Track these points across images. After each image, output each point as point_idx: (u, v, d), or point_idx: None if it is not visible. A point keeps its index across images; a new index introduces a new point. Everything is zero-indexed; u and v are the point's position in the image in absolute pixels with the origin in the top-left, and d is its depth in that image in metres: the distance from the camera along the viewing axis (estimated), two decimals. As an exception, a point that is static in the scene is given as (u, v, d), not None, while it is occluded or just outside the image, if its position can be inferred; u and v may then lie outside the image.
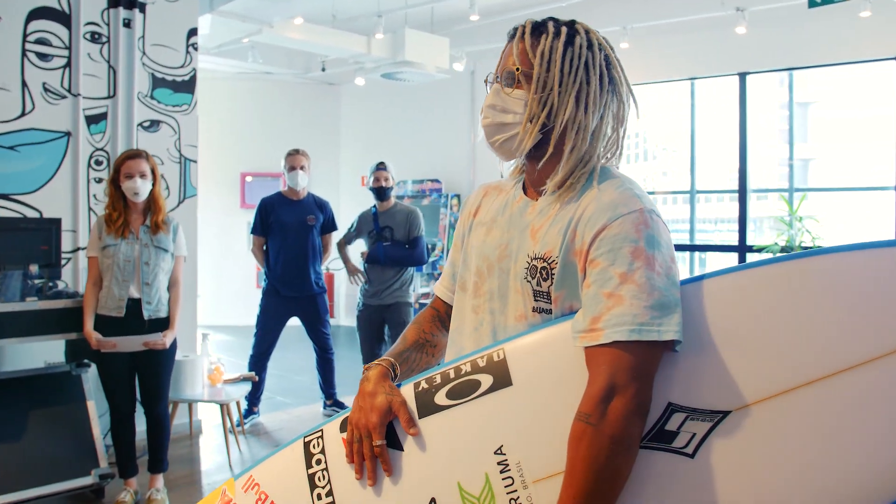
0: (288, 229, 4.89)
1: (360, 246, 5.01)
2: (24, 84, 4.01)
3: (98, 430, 3.56)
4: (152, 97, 4.49)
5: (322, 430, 1.35)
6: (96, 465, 3.47)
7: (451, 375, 1.26)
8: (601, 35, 1.31)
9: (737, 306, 1.14)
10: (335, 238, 5.15)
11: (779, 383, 1.10)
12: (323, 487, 1.28)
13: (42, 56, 4.08)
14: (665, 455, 1.12)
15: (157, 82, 4.52)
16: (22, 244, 3.58)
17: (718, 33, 6.53)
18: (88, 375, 3.66)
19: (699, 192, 7.46)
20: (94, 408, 3.60)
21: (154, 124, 4.51)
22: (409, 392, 1.29)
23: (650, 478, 1.12)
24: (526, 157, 1.33)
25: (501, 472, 1.16)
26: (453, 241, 1.51)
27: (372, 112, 9.39)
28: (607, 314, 1.12)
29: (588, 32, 1.30)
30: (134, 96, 4.40)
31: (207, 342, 4.49)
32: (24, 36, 4.02)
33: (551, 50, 1.26)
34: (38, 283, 3.58)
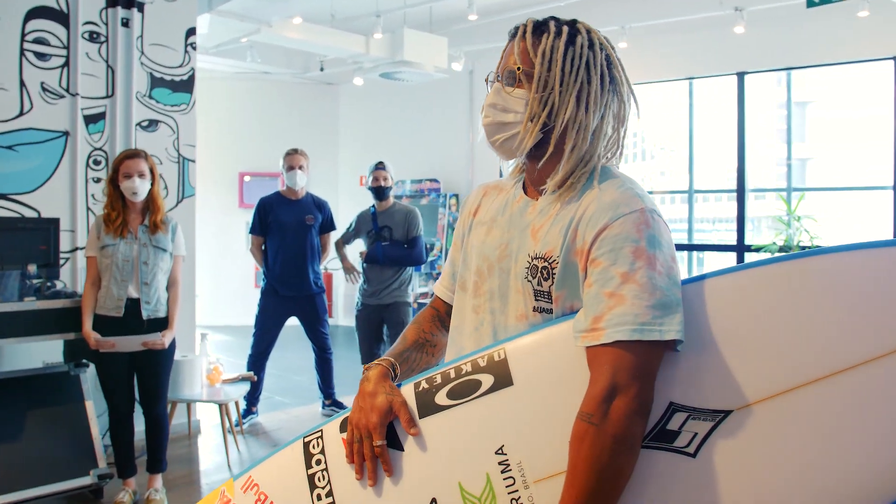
0: (286, 229, 4.88)
1: (359, 246, 5.01)
2: (22, 84, 4.00)
3: (97, 430, 3.56)
4: (151, 97, 4.49)
5: (322, 431, 1.35)
6: (95, 465, 3.46)
7: (452, 375, 1.26)
8: (602, 35, 1.31)
9: (738, 306, 1.14)
10: (334, 238, 5.15)
11: (780, 383, 1.10)
12: (323, 488, 1.28)
13: (40, 55, 4.08)
14: (667, 455, 1.12)
15: (156, 82, 4.51)
16: (20, 244, 3.57)
17: (717, 33, 6.53)
18: (87, 375, 3.65)
19: (697, 192, 7.46)
20: (93, 408, 3.60)
21: (152, 124, 4.50)
22: (409, 392, 1.28)
23: (652, 477, 1.12)
24: (526, 157, 1.33)
25: (503, 472, 1.16)
26: (453, 240, 1.50)
27: (370, 112, 9.38)
28: (609, 314, 1.12)
29: (589, 32, 1.30)
30: (132, 96, 4.40)
31: (206, 342, 4.49)
32: (23, 35, 4.02)
33: (552, 49, 1.26)
34: (36, 282, 3.57)
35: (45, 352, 3.85)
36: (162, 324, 3.43)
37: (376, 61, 7.41)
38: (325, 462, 1.30)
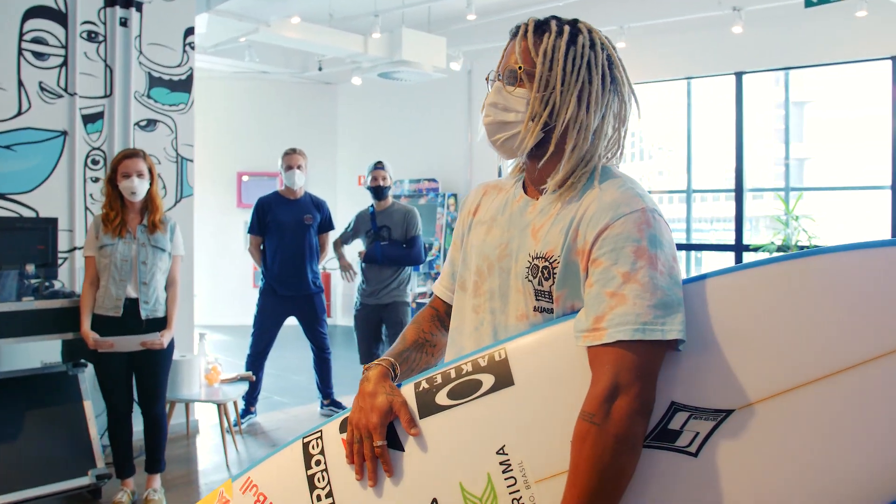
0: (285, 229, 4.88)
1: (358, 245, 5.00)
2: (20, 83, 4.00)
3: (95, 430, 3.55)
4: (149, 96, 4.48)
5: (321, 431, 1.34)
6: (93, 465, 3.45)
7: (452, 375, 1.25)
8: (603, 34, 1.31)
9: (739, 305, 1.14)
10: (332, 237, 5.14)
11: (781, 382, 1.10)
12: (323, 488, 1.28)
13: (38, 55, 4.07)
14: (668, 454, 1.12)
15: (154, 81, 4.50)
16: (18, 244, 3.57)
17: (715, 33, 6.54)
18: (85, 375, 3.65)
19: (695, 192, 7.47)
20: (91, 408, 3.59)
21: (151, 123, 4.50)
22: (409, 392, 1.28)
23: (653, 477, 1.12)
24: (527, 156, 1.33)
25: (504, 472, 1.16)
26: (452, 240, 1.50)
27: (369, 111, 9.38)
28: (610, 313, 1.12)
29: (591, 32, 1.29)
30: (130, 95, 4.39)
31: (204, 342, 4.48)
32: (21, 35, 4.01)
33: (554, 49, 1.26)
34: (34, 282, 3.57)
35: (43, 352, 3.85)
36: (160, 324, 3.43)
37: (375, 61, 7.41)
38: (325, 463, 1.30)
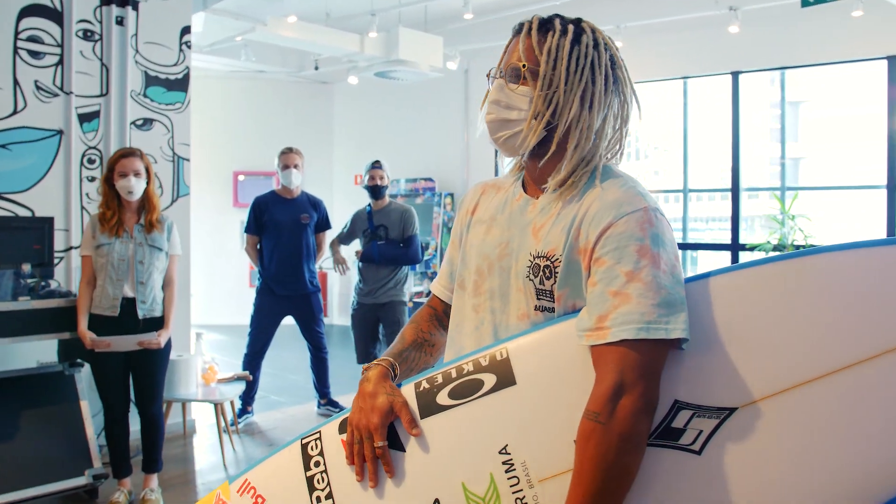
0: (282, 228, 4.87)
1: (355, 245, 5.00)
2: (15, 82, 3.98)
3: (91, 430, 3.55)
4: (145, 95, 4.47)
5: (320, 432, 1.33)
6: (90, 465, 3.45)
7: (453, 375, 1.25)
8: (606, 35, 1.31)
9: (741, 303, 1.14)
10: (329, 237, 5.13)
11: (784, 380, 1.10)
12: (322, 490, 1.27)
13: (34, 54, 4.05)
14: (672, 452, 1.12)
15: (151, 80, 4.49)
16: (14, 243, 3.55)
17: (711, 32, 6.54)
18: (81, 375, 3.64)
19: (691, 191, 7.48)
20: (88, 408, 3.58)
21: (147, 123, 4.48)
22: (409, 392, 1.27)
23: (657, 475, 1.12)
24: (528, 155, 1.32)
25: (507, 472, 1.15)
26: (450, 239, 1.49)
27: (365, 111, 9.37)
28: (614, 312, 1.12)
29: (594, 31, 1.29)
30: (127, 94, 4.37)
31: (201, 341, 4.47)
32: (16, 33, 3.99)
33: (558, 48, 1.25)
34: (30, 282, 3.55)
35: (39, 351, 3.83)
36: (157, 323, 3.42)
37: (371, 60, 7.40)
38: (325, 464, 1.29)
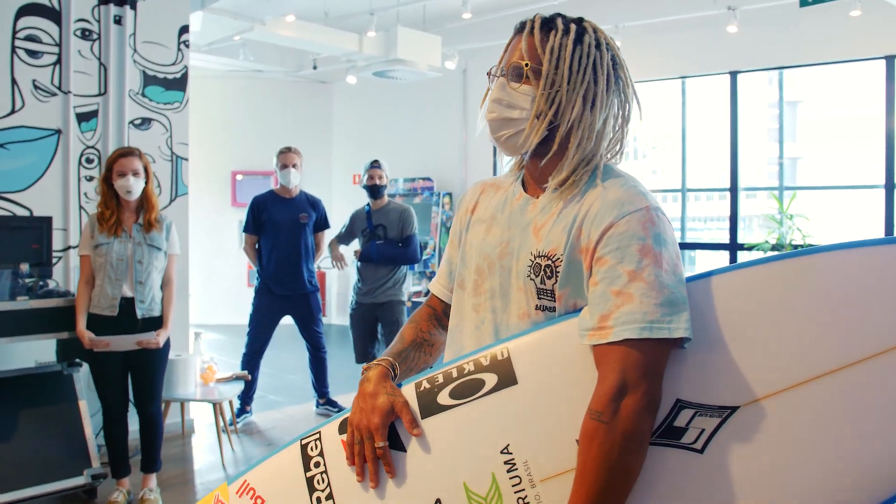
0: (280, 227, 4.86)
1: (354, 245, 4.99)
2: (13, 81, 3.97)
3: (90, 429, 3.54)
4: (143, 95, 4.46)
5: (319, 433, 1.33)
6: (88, 465, 3.44)
7: (454, 375, 1.25)
8: (607, 34, 1.31)
9: (743, 303, 1.14)
10: (328, 236, 5.13)
11: (786, 378, 1.10)
12: (323, 490, 1.26)
13: (32, 53, 4.04)
14: (674, 451, 1.12)
15: (149, 80, 4.48)
16: (12, 243, 3.54)
17: (710, 32, 6.55)
18: (80, 375, 3.63)
19: (689, 191, 7.48)
20: (86, 407, 3.57)
21: (145, 122, 4.48)
22: (410, 392, 1.27)
23: (660, 474, 1.12)
24: (530, 154, 1.32)
25: (509, 472, 1.15)
26: (449, 238, 1.49)
27: (364, 110, 9.36)
28: (617, 312, 1.12)
29: (596, 31, 1.29)
30: (125, 94, 4.37)
31: (200, 341, 4.47)
32: (14, 32, 3.98)
33: (561, 47, 1.25)
34: (28, 282, 3.55)
35: (37, 351, 3.83)
36: (156, 323, 3.41)
37: (370, 60, 7.39)
38: (325, 464, 1.28)
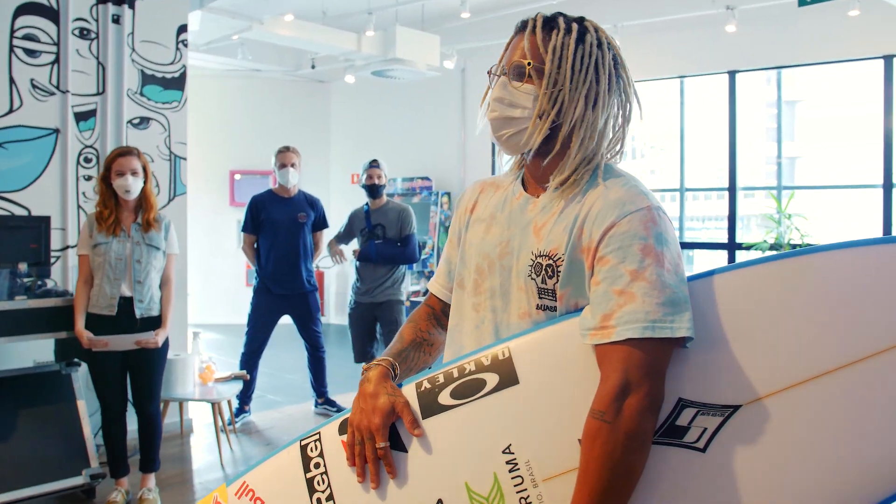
0: (279, 227, 4.86)
1: (353, 245, 4.99)
2: (11, 80, 3.96)
3: (89, 429, 3.53)
4: (142, 94, 4.45)
5: (319, 433, 1.32)
6: (87, 464, 3.44)
7: (455, 375, 1.24)
8: (608, 34, 1.31)
9: (745, 302, 1.14)
10: (326, 236, 5.13)
11: (788, 377, 1.10)
12: (323, 491, 1.26)
13: (30, 52, 4.04)
14: (677, 450, 1.12)
15: (147, 79, 4.48)
16: (10, 242, 3.53)
17: (708, 31, 6.55)
18: (78, 374, 3.62)
19: (688, 190, 7.48)
20: (85, 407, 3.57)
21: (144, 121, 4.47)
22: (410, 392, 1.27)
23: (663, 473, 1.12)
24: (532, 153, 1.31)
25: (511, 472, 1.15)
26: (448, 237, 1.48)
27: (362, 110, 9.36)
28: (619, 311, 1.12)
29: (597, 30, 1.29)
30: (123, 93, 4.36)
31: (198, 341, 4.46)
32: (12, 32, 3.98)
33: (563, 46, 1.25)
34: (26, 281, 3.54)
35: (36, 351, 3.82)
36: (155, 322, 3.41)
37: (368, 59, 7.38)
38: (325, 465, 1.28)
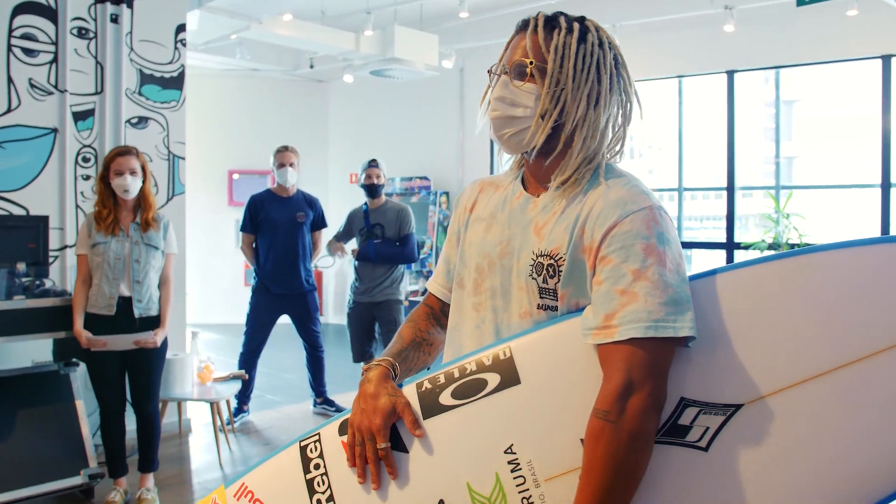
0: (278, 226, 4.86)
1: (352, 244, 4.99)
2: (9, 80, 3.96)
3: (87, 429, 3.53)
4: (140, 93, 4.45)
5: (319, 434, 1.32)
6: (85, 464, 3.43)
7: (456, 375, 1.24)
8: (609, 34, 1.31)
9: (747, 301, 1.14)
10: (325, 235, 5.12)
11: (790, 376, 1.10)
12: (323, 493, 1.26)
13: (28, 51, 4.03)
14: (679, 449, 1.12)
15: (146, 78, 4.47)
16: (8, 242, 3.53)
17: (707, 31, 6.55)
18: (77, 374, 3.62)
19: (686, 190, 7.48)
20: (83, 407, 3.56)
21: (142, 121, 4.46)
22: (411, 392, 1.26)
23: (665, 472, 1.12)
24: (535, 153, 1.31)
25: (512, 472, 1.15)
26: (447, 237, 1.48)
27: (360, 109, 9.35)
28: (622, 311, 1.12)
29: (598, 30, 1.29)
30: (122, 92, 4.35)
31: (197, 340, 4.46)
32: (10, 31, 3.97)
33: (565, 46, 1.25)
34: (24, 281, 3.54)
35: (34, 351, 3.81)
36: (154, 322, 3.40)
37: (366, 58, 7.38)
38: (325, 466, 1.27)
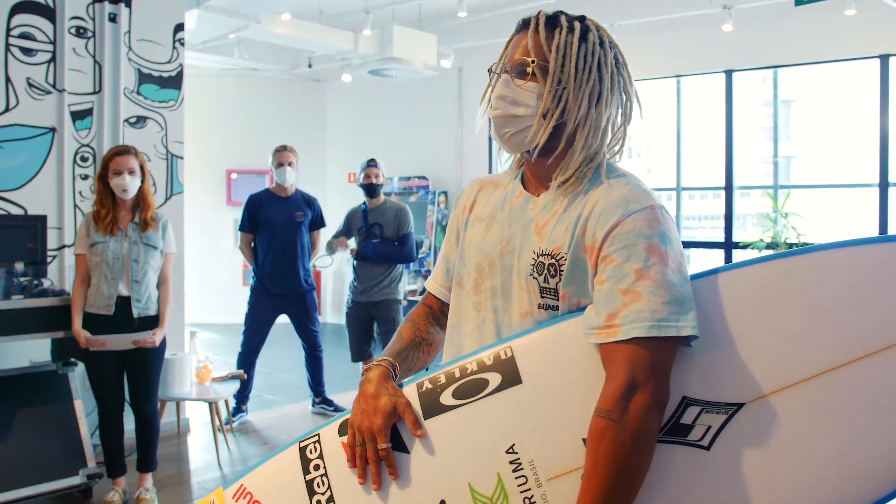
0: (276, 226, 4.85)
1: (350, 244, 4.98)
2: (7, 79, 3.95)
3: (85, 429, 3.52)
4: (138, 93, 4.44)
5: (318, 435, 1.31)
6: (84, 464, 3.42)
7: (457, 375, 1.24)
8: (609, 33, 1.31)
9: (748, 300, 1.14)
10: (323, 235, 5.12)
11: (791, 375, 1.10)
12: (323, 493, 1.25)
13: (26, 51, 4.02)
14: (681, 448, 1.12)
15: (144, 78, 4.46)
16: (7, 241, 3.52)
17: (705, 31, 6.55)
18: (75, 374, 3.61)
19: (684, 189, 7.49)
20: (81, 407, 3.56)
21: (140, 120, 4.46)
22: (411, 392, 1.26)
23: (667, 471, 1.12)
24: (536, 152, 1.30)
25: (514, 472, 1.15)
26: (446, 236, 1.47)
27: (359, 109, 9.34)
28: (624, 310, 1.12)
29: (599, 30, 1.29)
30: (120, 92, 4.35)
31: (195, 340, 4.45)
32: (8, 30, 3.96)
33: (566, 45, 1.25)
34: (23, 280, 3.53)
35: (32, 351, 3.81)
36: (152, 322, 3.40)
37: (365, 58, 7.37)
38: (325, 467, 1.27)
